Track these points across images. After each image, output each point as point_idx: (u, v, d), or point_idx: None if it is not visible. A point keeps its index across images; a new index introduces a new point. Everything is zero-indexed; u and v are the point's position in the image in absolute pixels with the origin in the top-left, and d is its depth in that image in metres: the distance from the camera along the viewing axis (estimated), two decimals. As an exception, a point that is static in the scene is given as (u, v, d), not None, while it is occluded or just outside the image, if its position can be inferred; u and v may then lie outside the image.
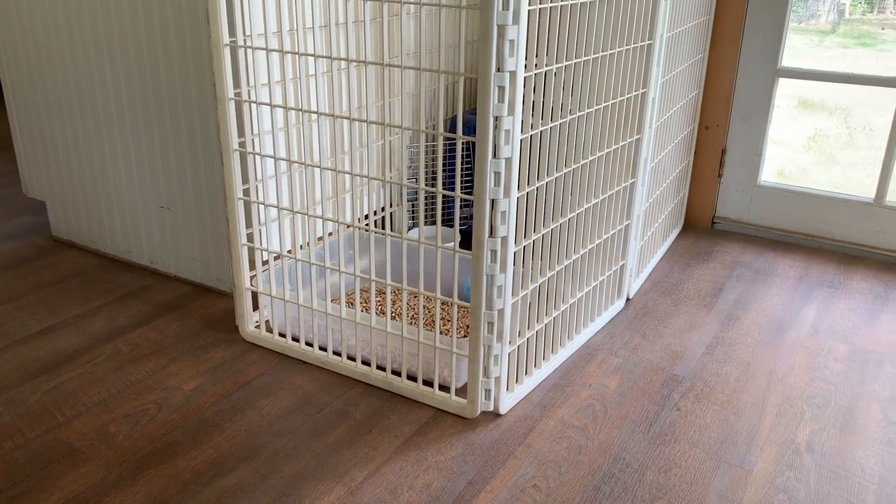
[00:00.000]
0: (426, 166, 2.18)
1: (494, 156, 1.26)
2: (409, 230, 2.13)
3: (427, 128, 2.18)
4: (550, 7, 1.32)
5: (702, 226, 2.42)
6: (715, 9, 2.19)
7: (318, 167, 1.49)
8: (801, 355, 1.69)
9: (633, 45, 1.59)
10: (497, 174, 1.27)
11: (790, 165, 2.47)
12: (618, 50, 1.55)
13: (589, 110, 1.51)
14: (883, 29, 2.28)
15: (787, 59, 2.20)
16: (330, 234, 1.89)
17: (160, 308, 1.83)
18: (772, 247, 2.27)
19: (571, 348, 1.67)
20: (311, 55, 1.43)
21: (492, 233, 1.31)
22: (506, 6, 1.17)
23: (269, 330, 1.72)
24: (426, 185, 2.24)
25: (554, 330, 1.60)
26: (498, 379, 1.42)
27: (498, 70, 1.21)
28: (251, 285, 1.67)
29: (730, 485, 1.29)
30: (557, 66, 1.38)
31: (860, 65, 2.23)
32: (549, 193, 1.46)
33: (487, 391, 1.43)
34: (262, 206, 1.63)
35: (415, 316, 1.72)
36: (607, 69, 1.54)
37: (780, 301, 1.94)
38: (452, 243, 1.94)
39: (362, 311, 1.72)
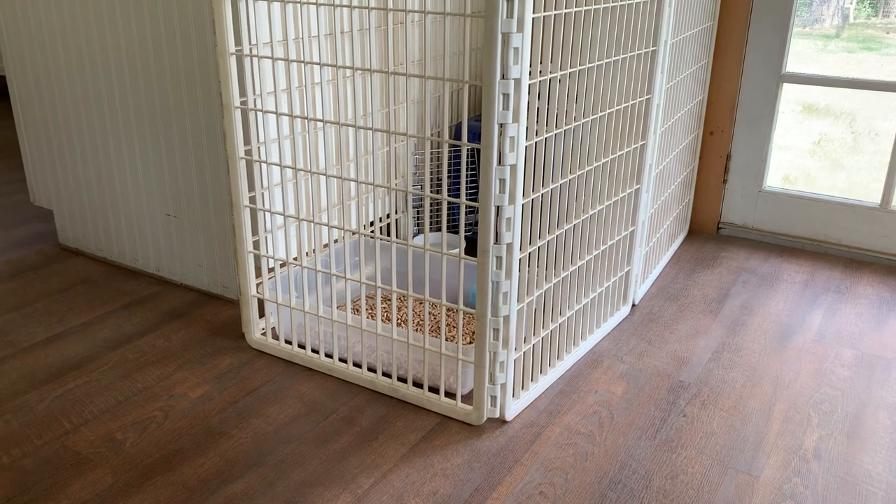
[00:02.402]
0: (431, 173, 2.18)
1: (499, 163, 1.26)
2: (414, 237, 2.14)
3: (432, 135, 2.18)
4: (554, 15, 1.32)
5: (707, 231, 2.41)
6: (719, 14, 2.20)
7: (324, 175, 1.49)
8: (808, 361, 1.69)
9: (637, 52, 1.59)
10: (502, 181, 1.27)
11: (795, 170, 2.47)
12: (622, 56, 1.55)
13: (593, 117, 1.51)
14: (888, 33, 2.28)
15: (792, 64, 2.20)
16: (336, 241, 1.89)
17: (167, 315, 1.84)
18: (777, 252, 2.27)
19: (577, 354, 1.67)
20: (316, 63, 1.44)
21: (497, 239, 1.31)
22: (510, 14, 1.18)
23: (276, 337, 1.72)
24: (431, 191, 2.25)
25: (560, 336, 1.60)
26: (504, 385, 1.42)
27: (502, 77, 1.21)
28: (257, 292, 1.67)
29: (737, 491, 1.29)
30: (562, 73, 1.38)
31: (865, 69, 2.23)
32: (554, 200, 1.46)
33: (493, 398, 1.43)
34: (267, 214, 1.63)
35: (420, 322, 1.73)
36: (612, 76, 1.54)
37: (786, 306, 1.93)
38: (458, 250, 1.94)
39: (368, 317, 1.72)
